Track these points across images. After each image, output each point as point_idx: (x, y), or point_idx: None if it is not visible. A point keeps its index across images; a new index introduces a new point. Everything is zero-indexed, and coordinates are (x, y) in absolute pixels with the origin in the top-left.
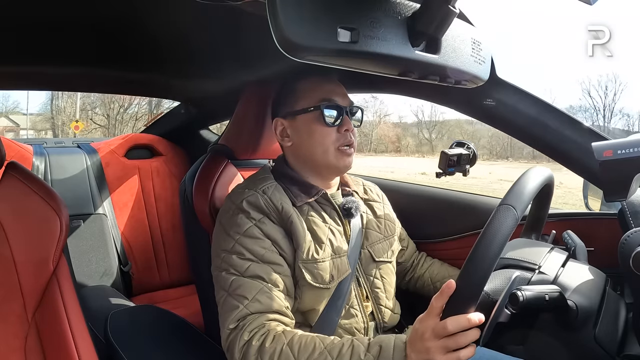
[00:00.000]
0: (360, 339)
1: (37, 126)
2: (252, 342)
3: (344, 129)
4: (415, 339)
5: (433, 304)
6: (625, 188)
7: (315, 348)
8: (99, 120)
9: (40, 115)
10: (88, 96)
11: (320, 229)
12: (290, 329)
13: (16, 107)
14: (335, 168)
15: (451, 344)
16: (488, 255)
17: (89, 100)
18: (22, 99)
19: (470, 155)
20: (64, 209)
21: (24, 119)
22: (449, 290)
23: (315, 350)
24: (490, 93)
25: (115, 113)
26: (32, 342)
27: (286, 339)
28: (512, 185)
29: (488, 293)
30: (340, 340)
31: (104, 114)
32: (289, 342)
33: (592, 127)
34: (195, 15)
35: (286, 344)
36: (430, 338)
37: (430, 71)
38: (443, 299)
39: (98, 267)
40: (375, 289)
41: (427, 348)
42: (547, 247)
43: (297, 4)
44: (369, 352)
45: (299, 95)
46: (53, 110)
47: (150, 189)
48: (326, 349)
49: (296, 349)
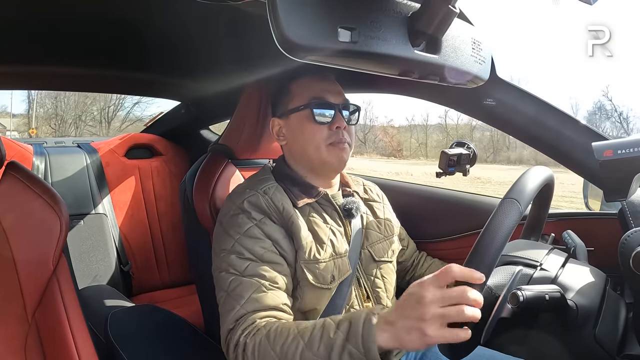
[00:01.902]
0: (333, 317)
1: (19, 128)
2: (240, 339)
3: (335, 126)
4: (407, 303)
5: (446, 272)
6: (626, 188)
7: (289, 334)
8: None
9: (24, 118)
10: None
11: (322, 229)
12: (278, 321)
13: (3, 110)
14: (329, 164)
15: (453, 313)
16: (493, 246)
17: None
18: (7, 101)
19: (470, 155)
20: (64, 208)
21: (8, 121)
22: (470, 275)
23: (289, 336)
24: (490, 93)
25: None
26: (32, 342)
27: (265, 330)
28: (514, 181)
29: (491, 288)
30: (313, 322)
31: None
32: (267, 333)
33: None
34: (196, 15)
35: (264, 335)
36: (431, 303)
37: (431, 71)
38: (461, 274)
39: (98, 266)
40: (377, 289)
41: (421, 314)
42: (547, 247)
43: (298, 4)
44: (339, 329)
45: (292, 94)
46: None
47: (150, 189)
48: (299, 333)
49: (272, 338)
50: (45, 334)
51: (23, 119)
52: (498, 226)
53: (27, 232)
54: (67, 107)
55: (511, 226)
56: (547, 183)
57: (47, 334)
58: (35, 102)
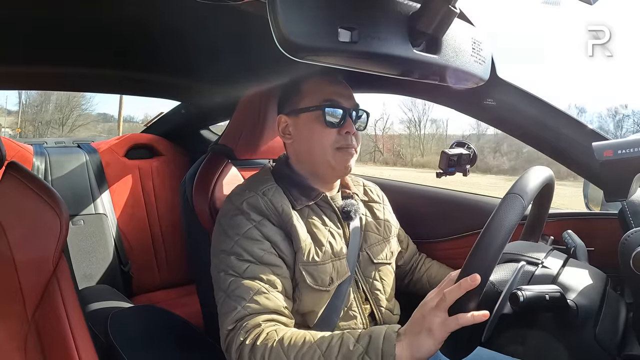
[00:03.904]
0: (352, 331)
1: (12, 127)
2: (246, 341)
3: (345, 131)
4: (414, 314)
5: (446, 297)
6: (626, 188)
7: (304, 343)
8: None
9: (15, 118)
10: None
11: (320, 231)
12: (286, 327)
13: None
14: (334, 169)
15: (446, 297)
16: (496, 241)
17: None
18: (2, 101)
19: (470, 155)
20: (64, 208)
21: (3, 120)
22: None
23: (305, 345)
24: (491, 93)
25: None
26: (32, 342)
27: (277, 336)
28: (517, 178)
29: (493, 283)
30: (331, 334)
31: None
32: (279, 339)
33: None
34: (196, 16)
35: (277, 341)
36: (430, 301)
37: (431, 71)
38: (458, 292)
39: (98, 267)
40: (375, 291)
41: (422, 313)
42: (547, 248)
43: (298, 4)
44: (359, 342)
45: (303, 94)
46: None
47: (150, 189)
48: (315, 342)
49: (286, 345)
50: (45, 334)
51: (15, 118)
52: (502, 219)
53: (27, 232)
54: (44, 113)
55: (515, 220)
56: (547, 183)
57: (47, 334)
58: (21, 105)
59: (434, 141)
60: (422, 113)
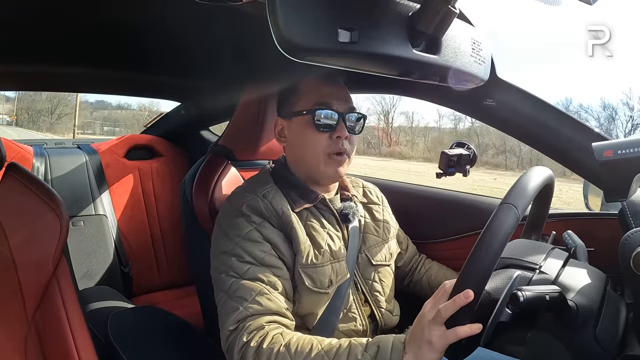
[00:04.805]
0: (359, 340)
1: (9, 113)
2: (250, 343)
3: (336, 136)
4: (413, 326)
5: (441, 313)
6: (626, 188)
7: (312, 349)
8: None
9: (12, 106)
10: None
11: (319, 234)
12: (290, 330)
13: None
14: (324, 175)
15: (443, 309)
16: (489, 254)
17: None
18: None
19: (470, 155)
20: (64, 209)
21: (1, 107)
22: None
23: (312, 351)
24: (490, 93)
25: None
26: (32, 343)
27: (284, 340)
28: (513, 184)
29: (489, 292)
30: (338, 341)
31: None
32: (286, 344)
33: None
34: (196, 16)
35: (283, 345)
36: (427, 314)
37: (431, 71)
38: (453, 308)
39: (98, 267)
40: (374, 293)
41: (422, 326)
42: (548, 247)
43: (297, 4)
44: (367, 352)
45: (299, 95)
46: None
47: (150, 190)
48: (323, 349)
49: (293, 350)
50: (45, 334)
51: (12, 106)
52: (495, 234)
53: (27, 233)
54: (38, 102)
55: (508, 233)
56: (546, 184)
57: (47, 335)
58: (16, 94)
59: (402, 133)
60: (391, 106)
